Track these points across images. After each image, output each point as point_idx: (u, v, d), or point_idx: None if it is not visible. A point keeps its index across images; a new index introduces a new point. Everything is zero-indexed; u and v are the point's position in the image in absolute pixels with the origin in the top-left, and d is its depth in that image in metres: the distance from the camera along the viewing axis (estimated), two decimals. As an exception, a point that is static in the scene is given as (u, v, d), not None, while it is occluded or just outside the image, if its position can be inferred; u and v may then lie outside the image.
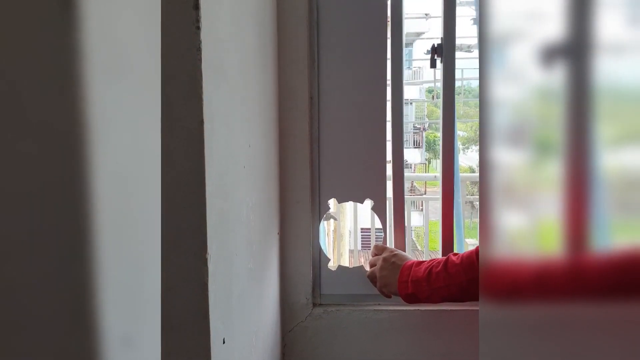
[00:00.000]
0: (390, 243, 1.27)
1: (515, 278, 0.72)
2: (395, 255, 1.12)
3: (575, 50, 0.69)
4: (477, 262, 0.97)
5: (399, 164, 1.26)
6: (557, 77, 0.71)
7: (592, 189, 0.71)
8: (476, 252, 0.99)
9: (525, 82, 0.72)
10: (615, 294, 0.67)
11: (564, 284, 0.70)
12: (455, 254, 1.04)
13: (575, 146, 0.71)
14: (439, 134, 1.28)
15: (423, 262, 1.07)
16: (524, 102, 0.72)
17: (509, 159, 0.73)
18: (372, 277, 1.16)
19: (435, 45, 1.23)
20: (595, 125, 0.70)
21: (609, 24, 0.69)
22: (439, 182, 1.30)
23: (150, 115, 0.52)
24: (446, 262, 1.02)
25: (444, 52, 1.21)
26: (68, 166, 0.41)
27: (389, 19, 1.19)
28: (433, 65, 1.25)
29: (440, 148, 1.28)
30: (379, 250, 1.18)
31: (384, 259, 1.12)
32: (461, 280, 0.99)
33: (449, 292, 1.01)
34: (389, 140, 1.20)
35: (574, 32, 0.70)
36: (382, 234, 1.27)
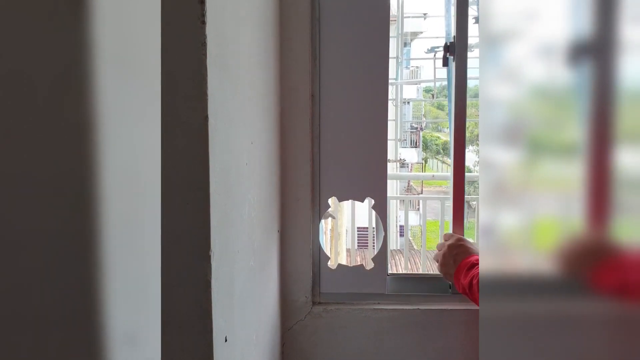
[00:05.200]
0: (391, 243, 1.27)
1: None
2: (459, 246, 1.15)
3: (599, 49, 0.69)
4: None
5: (460, 163, 1.25)
6: (555, 76, 0.71)
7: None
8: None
9: (520, 81, 0.72)
10: None
11: None
12: None
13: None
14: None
15: (475, 264, 1.09)
16: (519, 101, 0.72)
17: (504, 157, 0.73)
18: (436, 260, 1.21)
19: (448, 44, 1.22)
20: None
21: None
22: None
23: (155, 111, 0.51)
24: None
25: (456, 50, 1.21)
26: (74, 163, 0.41)
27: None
28: (445, 63, 1.24)
29: (451, 147, 1.28)
30: (447, 237, 1.21)
31: (449, 247, 1.16)
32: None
33: None
34: (391, 140, 1.20)
35: (597, 31, 0.69)
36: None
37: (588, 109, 0.70)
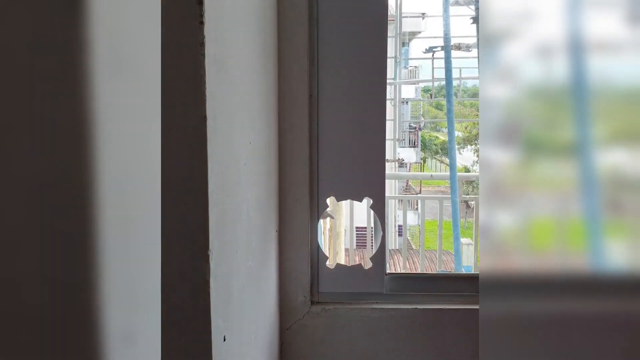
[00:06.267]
0: (390, 243, 1.27)
1: None
2: None
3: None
4: None
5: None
6: (549, 76, 0.71)
7: (585, 188, 0.71)
8: None
9: (517, 81, 0.72)
10: None
11: None
12: None
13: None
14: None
15: None
16: (516, 100, 0.72)
17: (501, 157, 0.73)
18: None
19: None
20: (589, 125, 0.70)
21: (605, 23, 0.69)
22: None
23: (153, 111, 0.51)
24: None
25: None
26: (72, 163, 0.41)
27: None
28: None
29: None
30: None
31: None
32: None
33: None
34: (390, 139, 1.21)
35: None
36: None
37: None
